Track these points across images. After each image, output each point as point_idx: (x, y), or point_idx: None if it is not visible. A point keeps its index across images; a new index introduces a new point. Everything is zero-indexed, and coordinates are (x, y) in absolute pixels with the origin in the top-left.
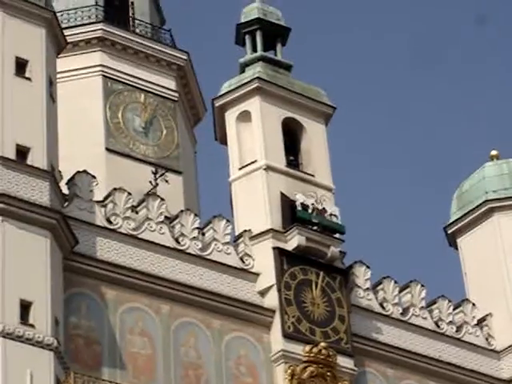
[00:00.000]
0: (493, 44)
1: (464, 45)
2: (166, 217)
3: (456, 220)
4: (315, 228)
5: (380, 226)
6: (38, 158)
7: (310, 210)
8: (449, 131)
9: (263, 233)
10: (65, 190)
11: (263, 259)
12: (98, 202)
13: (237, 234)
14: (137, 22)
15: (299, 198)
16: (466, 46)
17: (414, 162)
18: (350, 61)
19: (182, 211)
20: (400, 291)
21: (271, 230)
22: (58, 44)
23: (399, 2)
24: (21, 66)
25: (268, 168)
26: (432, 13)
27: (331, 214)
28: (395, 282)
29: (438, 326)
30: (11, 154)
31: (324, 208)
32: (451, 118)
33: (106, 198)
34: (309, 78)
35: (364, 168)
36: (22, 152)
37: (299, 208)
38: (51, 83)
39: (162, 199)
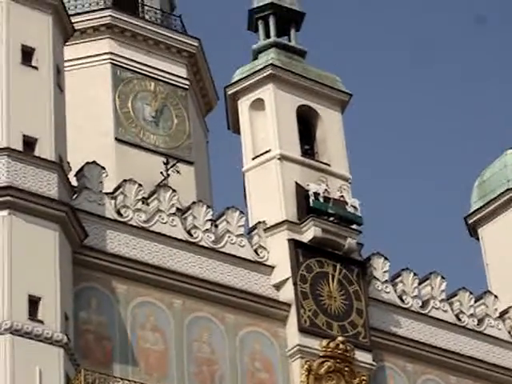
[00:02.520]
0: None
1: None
2: (177, 208)
3: (477, 209)
4: (331, 219)
5: (399, 216)
6: (45, 149)
7: (321, 199)
8: (469, 119)
9: (278, 224)
10: (73, 182)
11: (278, 251)
12: (107, 193)
13: (251, 225)
14: (146, 7)
15: (312, 188)
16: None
17: (433, 150)
18: (366, 47)
19: (194, 203)
20: (419, 283)
21: (286, 221)
22: (66, 31)
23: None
24: (27, 55)
25: (282, 157)
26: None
27: (352, 206)
28: (414, 274)
29: (459, 319)
30: (18, 145)
31: (344, 199)
32: (472, 106)
33: (115, 189)
34: (324, 64)
35: (382, 157)
36: (30, 143)
37: (312, 198)
38: (59, 72)
39: (174, 190)
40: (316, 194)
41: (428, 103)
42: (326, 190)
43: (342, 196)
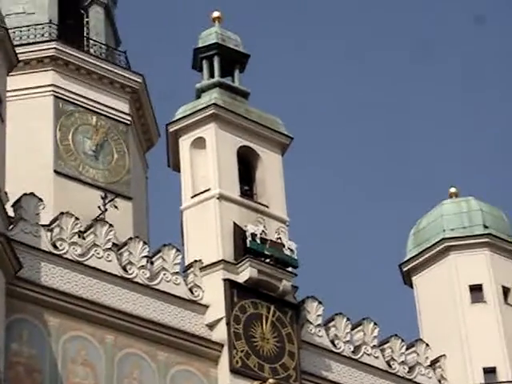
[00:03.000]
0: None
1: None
2: (113, 244)
3: (412, 257)
4: (268, 260)
5: (334, 261)
6: None
7: (258, 240)
8: (407, 166)
9: (214, 264)
10: (10, 213)
11: (213, 291)
12: (44, 225)
13: (187, 264)
14: (91, 42)
15: (249, 229)
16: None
17: (371, 196)
18: (309, 91)
19: (130, 238)
20: (352, 329)
21: (222, 260)
22: (9, 61)
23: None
24: None
25: (221, 197)
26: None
27: (288, 249)
28: (347, 319)
29: (390, 366)
30: None
31: (281, 241)
32: (410, 152)
33: (52, 221)
34: (266, 106)
35: (319, 201)
36: None
37: (249, 239)
38: (0, 102)
39: (111, 225)
40: (253, 235)
41: (365, 149)
42: (263, 231)
43: (279, 238)
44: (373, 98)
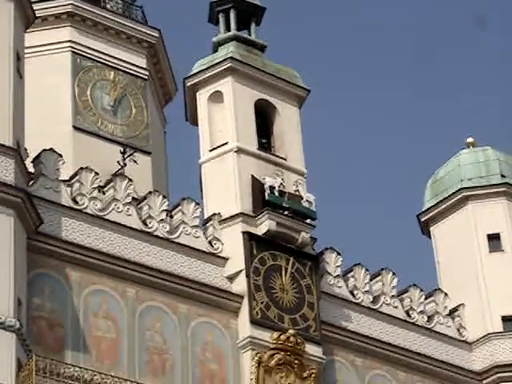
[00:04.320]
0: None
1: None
2: (133, 198)
3: (430, 208)
4: (286, 213)
5: (353, 212)
6: (3, 135)
7: (276, 193)
8: (425, 117)
9: (233, 216)
10: (30, 169)
11: (232, 244)
12: (64, 181)
13: (206, 217)
14: None
15: (267, 182)
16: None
17: (389, 147)
18: (326, 43)
19: (150, 192)
20: (371, 279)
21: (241, 213)
22: (27, 18)
23: None
24: None
25: (239, 150)
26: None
27: (307, 201)
28: (366, 270)
29: (409, 316)
30: None
31: (299, 193)
32: (427, 104)
33: (72, 177)
34: (283, 59)
35: (337, 153)
36: None
37: (268, 192)
38: (19, 58)
39: (130, 180)
40: (271, 188)
41: (384, 100)
42: (281, 183)
43: (297, 190)
44: (390, 47)
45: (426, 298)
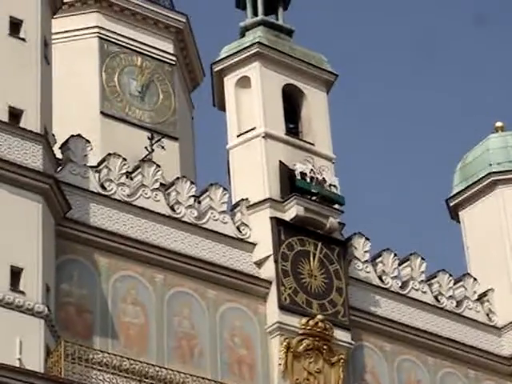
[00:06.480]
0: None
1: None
2: (161, 184)
3: (458, 192)
4: (314, 198)
5: (381, 197)
6: (31, 121)
7: (308, 179)
8: (453, 101)
9: (261, 202)
10: (58, 155)
11: (260, 229)
12: (92, 167)
13: (234, 202)
14: None
15: (299, 167)
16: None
17: (417, 132)
18: (354, 27)
19: (177, 178)
20: (399, 264)
21: (269, 199)
22: (54, 4)
23: None
24: (15, 26)
25: (267, 136)
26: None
27: (330, 185)
28: (395, 255)
29: (438, 301)
30: (4, 116)
31: (324, 178)
32: (455, 89)
33: (100, 163)
34: (310, 43)
35: (365, 138)
36: (15, 114)
37: (298, 177)
38: (46, 44)
39: (158, 165)
40: (302, 174)
41: (412, 84)
42: (311, 169)
43: (323, 176)
44: (417, 31)
45: (454, 283)
